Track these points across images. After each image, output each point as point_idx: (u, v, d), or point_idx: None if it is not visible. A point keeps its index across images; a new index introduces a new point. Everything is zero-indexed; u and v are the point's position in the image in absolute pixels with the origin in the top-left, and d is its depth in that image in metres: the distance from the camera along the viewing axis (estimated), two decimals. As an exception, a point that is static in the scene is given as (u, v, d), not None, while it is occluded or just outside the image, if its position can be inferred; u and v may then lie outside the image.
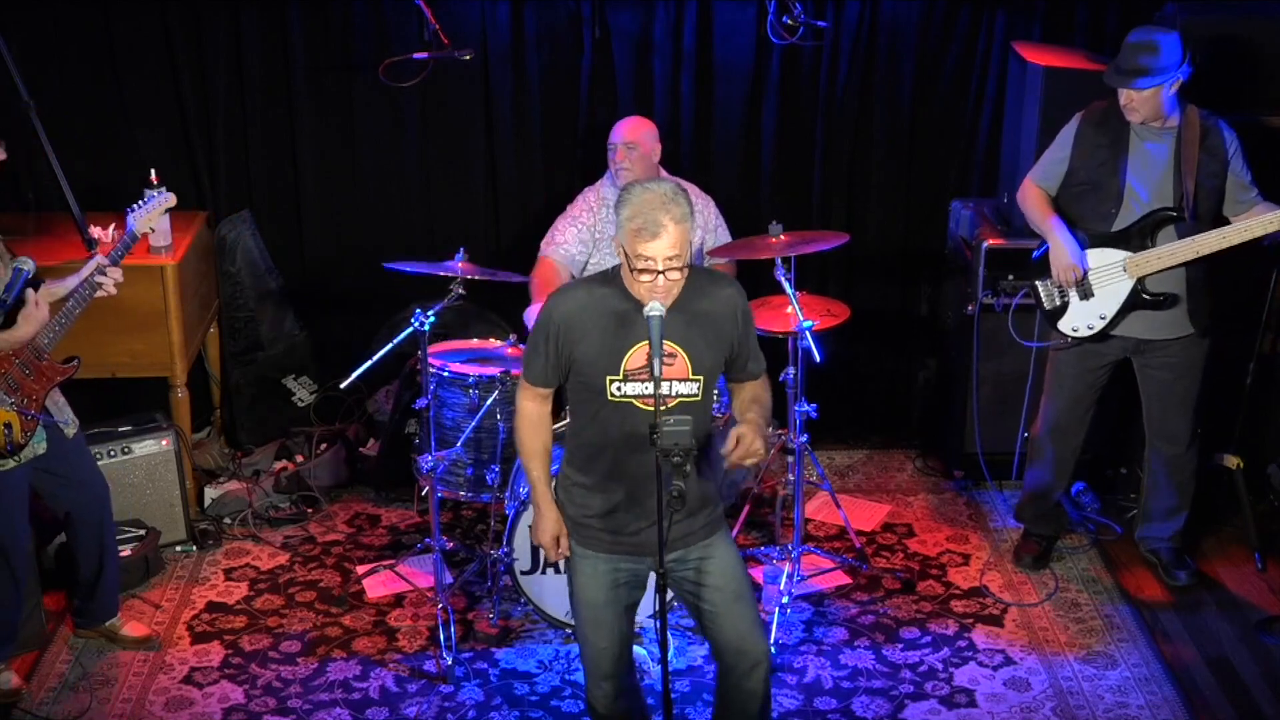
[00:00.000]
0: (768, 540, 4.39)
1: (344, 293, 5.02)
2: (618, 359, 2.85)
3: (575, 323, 2.86)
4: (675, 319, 2.85)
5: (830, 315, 4.12)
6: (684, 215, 2.73)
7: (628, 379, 2.85)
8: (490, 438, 4.04)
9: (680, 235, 2.73)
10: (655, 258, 2.74)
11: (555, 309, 2.89)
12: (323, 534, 4.51)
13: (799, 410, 4.03)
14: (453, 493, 4.13)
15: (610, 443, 2.93)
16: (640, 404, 2.86)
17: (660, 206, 2.71)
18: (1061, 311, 3.94)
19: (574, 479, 3.02)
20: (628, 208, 2.76)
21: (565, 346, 2.87)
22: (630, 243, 2.75)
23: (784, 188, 5.02)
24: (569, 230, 4.37)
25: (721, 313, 2.94)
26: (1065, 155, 3.87)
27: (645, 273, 2.76)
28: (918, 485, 4.79)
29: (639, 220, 2.72)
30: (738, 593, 2.99)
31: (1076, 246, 3.84)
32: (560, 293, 2.99)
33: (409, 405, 4.31)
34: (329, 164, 4.97)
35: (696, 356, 2.89)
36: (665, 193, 2.73)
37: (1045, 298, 3.95)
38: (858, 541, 4.32)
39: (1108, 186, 3.82)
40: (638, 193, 2.75)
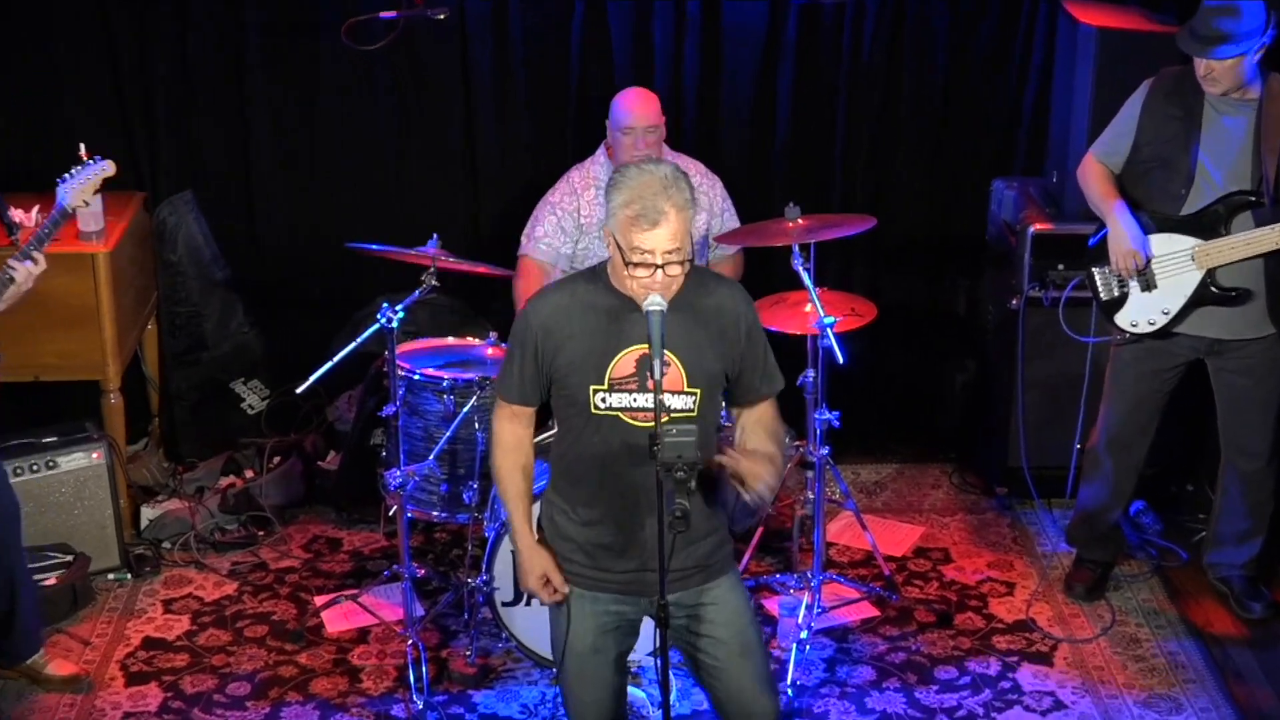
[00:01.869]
0: (784, 567, 4.38)
1: (301, 285, 5.00)
2: (603, 366, 2.83)
3: (556, 327, 2.85)
4: (670, 321, 2.82)
5: (854, 312, 4.11)
6: (686, 202, 2.72)
7: (613, 389, 2.83)
8: (467, 450, 4.02)
9: (682, 224, 2.72)
10: (654, 250, 2.72)
11: (533, 314, 2.88)
12: (276, 560, 4.49)
13: (819, 419, 4.01)
14: (424, 513, 4.12)
15: (597, 464, 2.88)
16: (627, 418, 2.84)
17: (661, 191, 2.70)
18: (1120, 304, 3.92)
19: (558, 504, 3.01)
20: (622, 192, 2.73)
21: (546, 356, 2.86)
22: (624, 232, 2.73)
23: (801, 165, 5.00)
24: (548, 220, 4.35)
25: (724, 317, 2.92)
26: (1131, 128, 3.86)
27: (641, 267, 2.74)
28: (955, 504, 4.78)
29: (636, 206, 2.70)
30: (744, 647, 2.95)
31: (1139, 231, 3.83)
32: (538, 296, 2.94)
33: (374, 413, 4.30)
34: (285, 138, 4.95)
35: (693, 364, 2.85)
36: (666, 175, 2.72)
37: (1102, 287, 3.95)
38: (887, 568, 4.31)
39: (1177, 164, 3.79)
40: (634, 175, 2.74)
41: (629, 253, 2.76)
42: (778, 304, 4.19)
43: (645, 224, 2.72)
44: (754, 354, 2.97)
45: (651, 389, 2.76)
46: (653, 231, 2.72)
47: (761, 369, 2.99)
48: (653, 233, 2.72)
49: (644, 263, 2.75)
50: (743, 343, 2.94)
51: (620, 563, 2.95)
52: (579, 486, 2.96)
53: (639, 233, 2.73)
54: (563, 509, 2.99)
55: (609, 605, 2.97)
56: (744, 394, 2.99)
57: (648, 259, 2.75)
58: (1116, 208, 3.84)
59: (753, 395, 3.00)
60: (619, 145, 4.26)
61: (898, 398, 5.15)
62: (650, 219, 2.71)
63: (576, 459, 2.95)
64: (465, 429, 4.00)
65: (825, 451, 4.05)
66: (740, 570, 4.18)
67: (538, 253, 4.36)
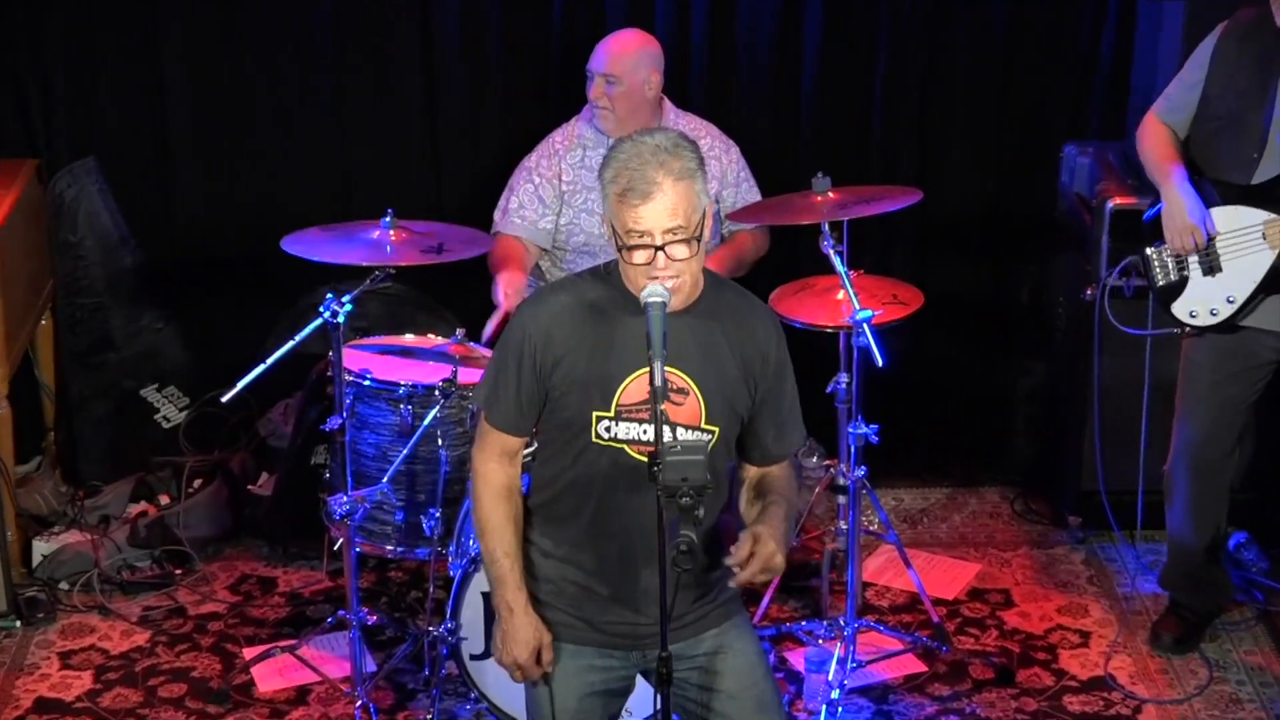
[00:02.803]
0: (811, 612, 4.36)
1: (227, 271, 5.00)
2: (609, 389, 2.83)
3: (556, 336, 2.84)
4: (688, 339, 2.83)
5: (897, 303, 4.09)
6: (686, 170, 2.73)
7: (620, 417, 2.83)
8: (428, 471, 4.01)
9: (683, 197, 2.72)
10: (650, 230, 2.72)
11: (530, 318, 2.88)
12: (196, 604, 4.47)
13: (853, 433, 4.00)
14: (377, 547, 4.11)
15: (589, 497, 2.90)
16: (634, 451, 2.84)
17: (652, 159, 2.72)
18: (1177, 289, 3.93)
19: (537, 542, 2.99)
20: (610, 167, 2.75)
21: (543, 371, 2.86)
22: (617, 212, 2.75)
23: (832, 129, 4.99)
24: (524, 189, 4.35)
25: (752, 345, 2.90)
26: (1199, 79, 3.86)
27: (639, 250, 2.74)
28: (1018, 536, 4.77)
29: (623, 180, 2.72)
30: (760, 701, 2.95)
31: (1198, 202, 3.83)
32: (535, 297, 2.96)
33: (316, 426, 4.28)
34: (209, 96, 4.94)
35: (713, 395, 2.86)
36: (659, 144, 2.74)
37: (1158, 270, 3.95)
38: (935, 614, 4.29)
39: (1249, 124, 3.79)
40: (624, 148, 2.76)
41: (624, 236, 2.75)
42: (803, 291, 4.16)
43: (635, 198, 2.71)
44: (775, 401, 2.94)
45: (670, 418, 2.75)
46: (645, 206, 2.71)
47: (780, 420, 2.96)
48: (645, 207, 2.71)
49: (641, 244, 2.74)
50: (768, 382, 2.92)
51: (611, 612, 2.94)
52: (564, 522, 2.94)
53: (629, 208, 2.72)
54: (540, 547, 2.97)
55: (594, 660, 2.96)
56: (752, 449, 2.97)
57: (645, 240, 2.73)
58: (1174, 174, 3.84)
59: (760, 453, 2.97)
60: (595, 110, 4.30)
61: (948, 407, 5.14)
62: (640, 192, 2.71)
63: (564, 490, 2.93)
64: (426, 445, 3.97)
65: (861, 473, 4.03)
66: (756, 616, 4.21)
67: (511, 228, 4.35)
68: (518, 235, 4.34)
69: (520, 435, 2.94)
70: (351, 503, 3.84)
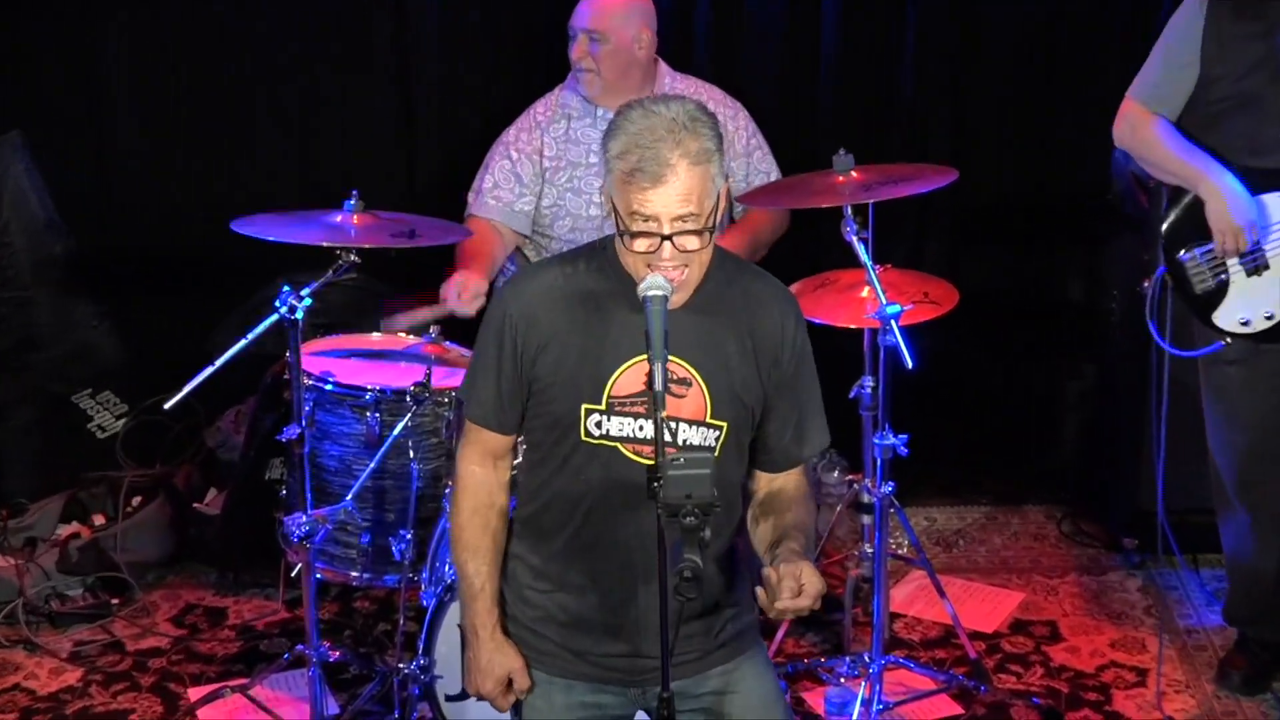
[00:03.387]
0: (833, 648, 4.36)
1: (172, 260, 5.01)
2: (600, 379, 2.83)
3: (542, 319, 2.85)
4: (690, 323, 2.83)
5: (929, 301, 4.08)
6: (704, 153, 2.73)
7: (612, 410, 2.83)
8: (398, 487, 4.01)
9: (698, 182, 2.72)
10: (659, 215, 2.72)
11: (511, 299, 2.89)
12: (135, 638, 4.46)
13: (880, 444, 3.98)
14: (340, 573, 4.10)
15: (580, 509, 2.89)
16: (628, 452, 2.84)
17: (667, 136, 2.71)
18: (1217, 296, 3.92)
19: (525, 559, 2.98)
20: (618, 139, 2.74)
21: (526, 358, 2.87)
22: (621, 192, 2.74)
23: (856, 99, 5.00)
24: (500, 166, 4.34)
25: (766, 333, 2.89)
26: (1191, 58, 3.85)
27: (642, 237, 2.74)
28: (1066, 561, 4.78)
29: (633, 157, 2.71)
30: None
31: (1248, 198, 3.82)
32: (519, 278, 2.96)
33: (270, 436, 4.26)
34: (152, 64, 4.96)
35: (720, 387, 2.86)
36: (677, 116, 2.73)
37: (1194, 276, 3.94)
38: (973, 649, 4.27)
39: (1268, 99, 3.80)
40: (634, 118, 2.74)
41: (628, 219, 2.73)
42: (823, 288, 4.16)
43: (645, 179, 2.69)
44: (793, 395, 2.92)
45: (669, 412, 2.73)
46: (655, 190, 2.69)
47: (799, 416, 2.94)
48: (655, 191, 2.70)
49: (646, 231, 2.72)
50: (785, 372, 2.90)
51: (605, 643, 2.92)
52: (552, 538, 2.93)
53: (637, 191, 2.70)
54: (527, 565, 2.96)
55: (585, 696, 2.96)
56: (767, 451, 2.96)
57: (651, 227, 2.72)
58: (1211, 164, 3.83)
59: (777, 456, 2.96)
60: (578, 75, 4.28)
61: (987, 414, 5.15)
62: (651, 174, 2.69)
63: (552, 501, 2.92)
64: (396, 458, 3.97)
65: (888, 489, 4.01)
66: (770, 651, 4.18)
67: (484, 210, 4.32)
68: (491, 218, 4.32)
69: (504, 433, 2.92)
70: (311, 523, 3.80)
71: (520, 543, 2.98)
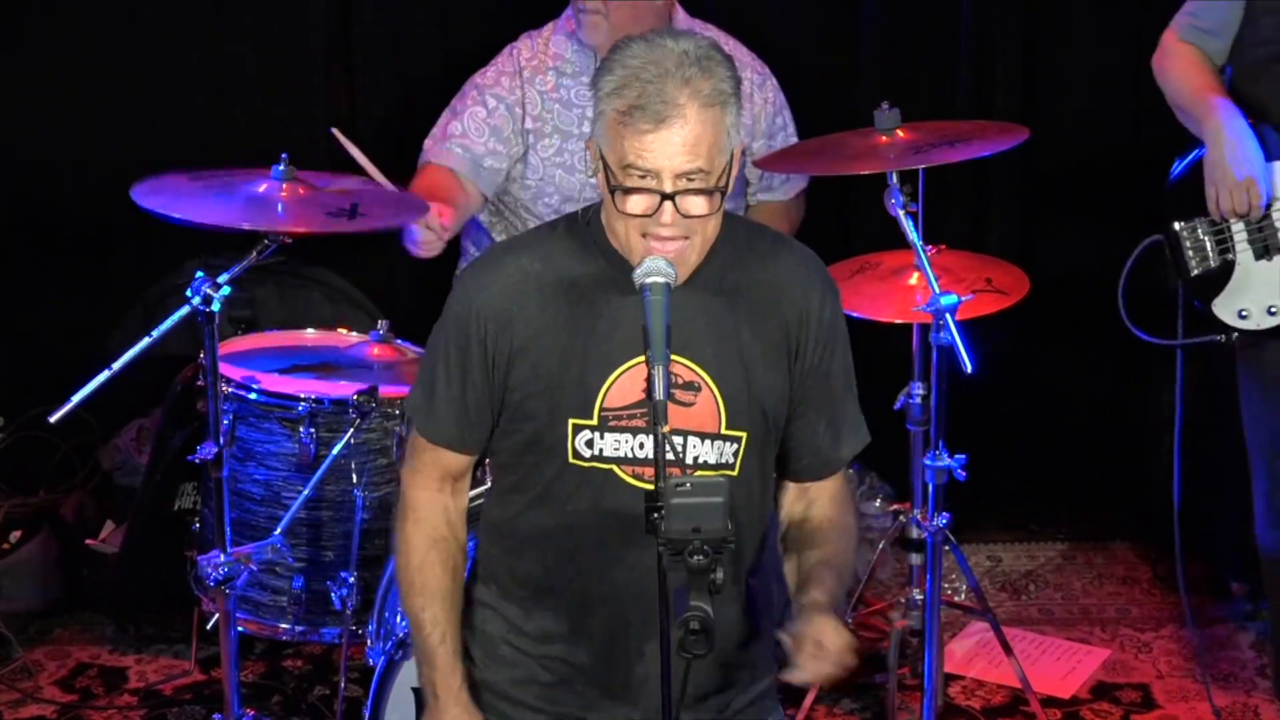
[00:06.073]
0: (874, 716, 4.38)
1: (56, 240, 5.04)
2: (590, 387, 2.84)
3: (517, 316, 2.85)
4: (696, 311, 2.84)
5: (992, 289, 4.11)
6: (718, 94, 2.73)
7: (606, 426, 2.84)
8: (338, 519, 4.04)
9: (709, 129, 2.73)
10: (659, 169, 2.72)
11: (475, 290, 2.90)
12: (14, 706, 4.46)
13: (932, 466, 3.97)
14: (267, 625, 4.11)
15: (568, 548, 2.90)
16: (625, 474, 2.86)
17: (675, 71, 2.71)
18: (1220, 278, 3.99)
19: (494, 608, 2.99)
20: (613, 73, 2.74)
21: (498, 365, 2.88)
22: (614, 138, 2.73)
23: (901, 43, 5.03)
24: (472, 113, 4.31)
25: (786, 307, 2.90)
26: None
27: (637, 194, 2.74)
28: (1161, 611, 4.80)
29: (632, 93, 2.71)
30: None
31: (1256, 147, 3.87)
32: (484, 264, 2.95)
33: (180, 457, 4.21)
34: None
35: (735, 387, 2.87)
36: (685, 51, 2.74)
37: (1191, 252, 4.02)
38: (1047, 719, 4.29)
39: None
40: (636, 50, 2.76)
41: (619, 173, 2.72)
42: (861, 274, 4.17)
43: (644, 120, 2.69)
44: (825, 386, 2.93)
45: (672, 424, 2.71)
46: (657, 134, 2.69)
47: (834, 409, 2.95)
48: (657, 136, 2.69)
49: (643, 187, 2.71)
50: (814, 352, 2.91)
51: (599, 708, 2.94)
52: (531, 583, 2.94)
53: (634, 136, 2.70)
54: (501, 617, 2.97)
55: None
56: (796, 457, 2.97)
57: (647, 183, 2.71)
58: (1219, 107, 3.89)
59: (808, 461, 2.97)
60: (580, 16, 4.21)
61: (1063, 432, 5.16)
62: (654, 113, 2.68)
63: (531, 538, 2.93)
64: (335, 484, 4.00)
65: (943, 522, 3.99)
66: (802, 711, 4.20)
67: (444, 157, 4.27)
68: (454, 168, 4.27)
69: (466, 452, 2.93)
70: (231, 563, 3.78)
71: (488, 589, 2.99)
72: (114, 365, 3.67)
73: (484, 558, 3.01)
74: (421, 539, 2.95)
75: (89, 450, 4.96)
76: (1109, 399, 5.18)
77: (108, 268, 4.96)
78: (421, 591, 2.94)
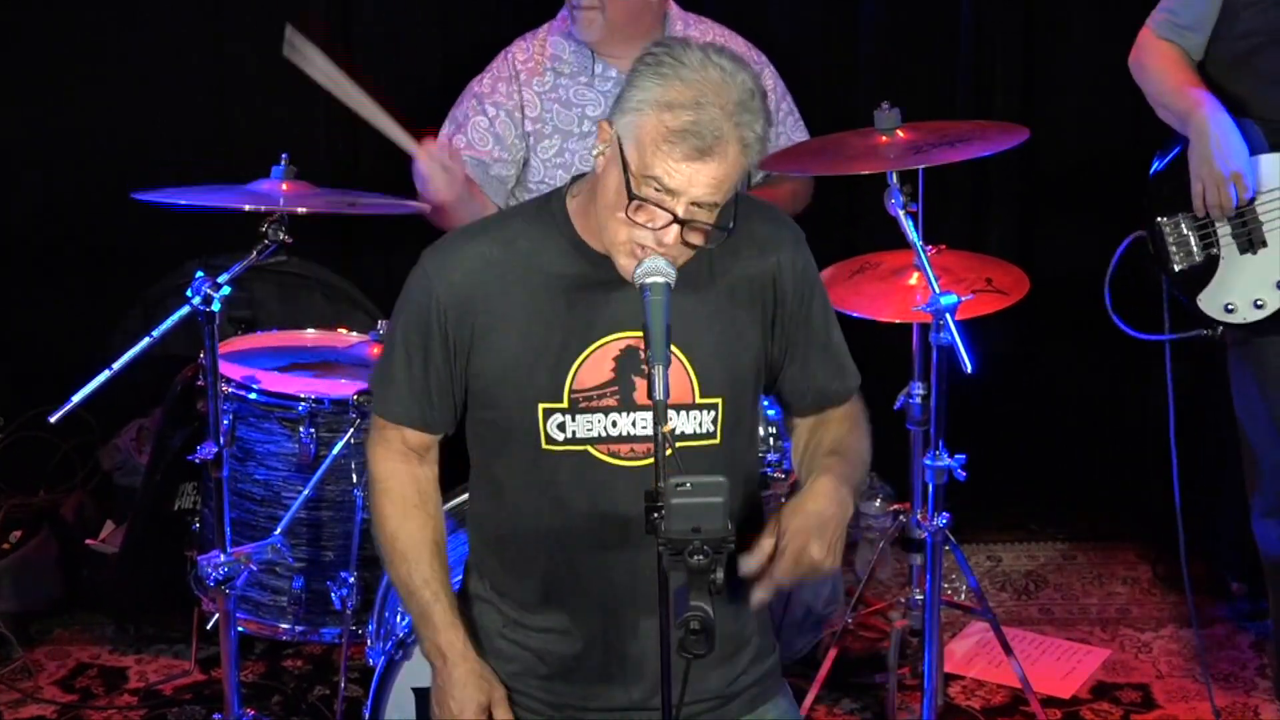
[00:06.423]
0: (874, 716, 4.38)
1: (56, 244, 5.05)
2: (560, 370, 2.86)
3: (478, 298, 2.88)
4: None
5: (992, 289, 4.10)
6: (756, 141, 2.76)
7: (577, 408, 2.86)
8: (338, 519, 4.05)
9: (736, 170, 2.76)
10: (681, 191, 2.73)
11: (435, 272, 2.91)
12: (14, 706, 4.46)
13: (932, 466, 3.98)
14: (267, 625, 4.12)
15: (551, 537, 2.91)
16: (602, 454, 2.87)
17: (736, 109, 2.73)
18: (1204, 273, 3.99)
19: (487, 601, 3.00)
20: (671, 84, 2.73)
21: (458, 348, 2.90)
22: (649, 144, 2.73)
23: (901, 42, 5.04)
24: (475, 123, 4.30)
25: (754, 263, 2.91)
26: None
27: (649, 210, 2.75)
28: (1162, 611, 4.81)
29: (688, 116, 2.71)
30: None
31: (1241, 141, 3.88)
32: (444, 247, 2.95)
33: (180, 457, 4.23)
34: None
35: (704, 353, 2.89)
36: (744, 83, 2.76)
37: (1175, 247, 4.03)
38: (1047, 719, 4.28)
39: None
40: (696, 64, 2.74)
41: (639, 181, 2.73)
42: (861, 274, 4.18)
43: (691, 147, 2.70)
44: (811, 328, 2.96)
45: (642, 400, 2.74)
46: (695, 164, 2.71)
47: (828, 349, 2.99)
48: (694, 166, 2.71)
49: (660, 205, 2.72)
50: (788, 304, 2.93)
51: (600, 696, 2.95)
52: (523, 573, 2.95)
53: (673, 159, 2.71)
54: (496, 609, 2.98)
55: None
56: (801, 394, 3.00)
57: (663, 200, 2.72)
58: (1203, 101, 3.90)
59: (818, 396, 3.00)
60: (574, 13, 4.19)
61: (1063, 431, 5.17)
62: (702, 143, 2.69)
63: (516, 531, 2.94)
64: (335, 484, 4.01)
65: (943, 522, 4.01)
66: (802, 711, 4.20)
67: None
68: None
69: (428, 430, 2.95)
70: (231, 563, 3.79)
71: (482, 583, 3.00)
72: (114, 365, 3.68)
73: (474, 553, 3.03)
74: (393, 507, 2.97)
75: (89, 450, 4.97)
76: (1109, 399, 5.19)
77: (108, 268, 4.96)
78: (405, 556, 2.96)
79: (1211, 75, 3.96)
